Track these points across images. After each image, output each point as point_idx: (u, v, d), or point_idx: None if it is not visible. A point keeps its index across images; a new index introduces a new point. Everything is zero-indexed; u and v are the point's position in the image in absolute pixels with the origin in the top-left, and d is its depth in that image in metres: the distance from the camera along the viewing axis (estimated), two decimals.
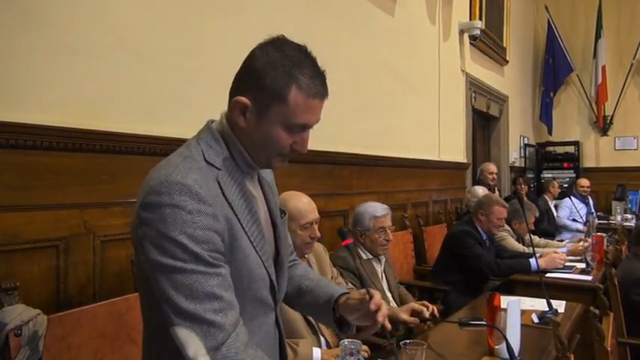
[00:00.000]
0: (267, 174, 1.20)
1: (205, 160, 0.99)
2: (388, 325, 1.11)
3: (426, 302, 2.04)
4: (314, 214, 2.00)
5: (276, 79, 0.97)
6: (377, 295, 1.12)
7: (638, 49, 7.52)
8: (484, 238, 3.31)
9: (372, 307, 1.09)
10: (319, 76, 1.00)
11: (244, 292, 1.00)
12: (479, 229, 3.31)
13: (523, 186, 5.82)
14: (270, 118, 0.99)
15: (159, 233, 0.89)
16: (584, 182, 6.28)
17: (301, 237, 1.96)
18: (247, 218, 1.01)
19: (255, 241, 1.02)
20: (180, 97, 2.12)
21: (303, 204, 1.99)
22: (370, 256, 2.60)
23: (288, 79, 0.97)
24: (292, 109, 0.98)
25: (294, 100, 0.98)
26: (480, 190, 4.41)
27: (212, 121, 1.08)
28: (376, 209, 2.61)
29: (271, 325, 1.13)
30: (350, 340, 1.04)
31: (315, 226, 1.99)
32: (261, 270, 1.04)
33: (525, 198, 5.37)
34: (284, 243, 1.17)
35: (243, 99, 0.99)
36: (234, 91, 1.02)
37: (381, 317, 1.09)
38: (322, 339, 2.00)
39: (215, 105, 2.22)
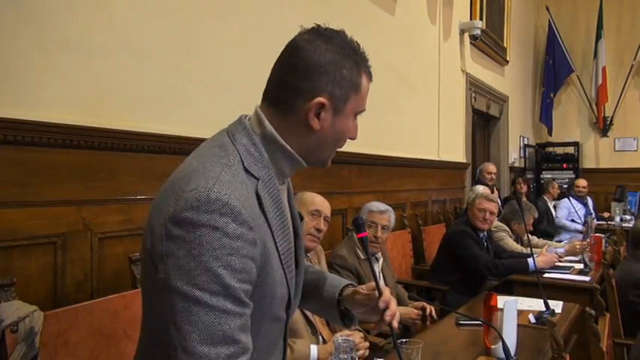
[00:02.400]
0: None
1: (245, 168, 0.90)
2: (396, 326, 1.04)
3: (424, 303, 2.05)
4: (324, 209, 2.08)
5: (350, 69, 0.93)
6: (387, 292, 1.05)
7: (638, 50, 7.52)
8: (480, 236, 3.32)
9: (381, 304, 1.03)
10: (367, 58, 0.98)
11: (263, 313, 0.93)
12: (475, 228, 3.31)
13: (522, 185, 5.83)
14: (346, 112, 0.95)
15: (190, 256, 0.79)
16: (582, 183, 6.28)
17: (306, 224, 1.97)
18: (281, 235, 0.94)
19: (284, 259, 0.95)
20: (180, 94, 2.12)
21: (316, 197, 2.09)
22: (366, 256, 2.60)
23: (357, 66, 0.94)
24: (362, 96, 0.96)
25: (364, 86, 0.96)
26: (481, 189, 4.41)
27: (246, 116, 0.97)
28: (374, 205, 2.66)
29: (280, 339, 1.06)
30: (343, 337, 1.03)
31: (322, 221, 2.05)
32: (283, 289, 0.96)
33: (525, 198, 5.37)
34: (303, 252, 1.11)
35: (323, 99, 0.91)
36: (296, 92, 0.92)
37: (388, 316, 1.03)
38: (320, 338, 2.00)
39: (214, 103, 2.24)
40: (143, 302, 0.96)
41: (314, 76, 0.91)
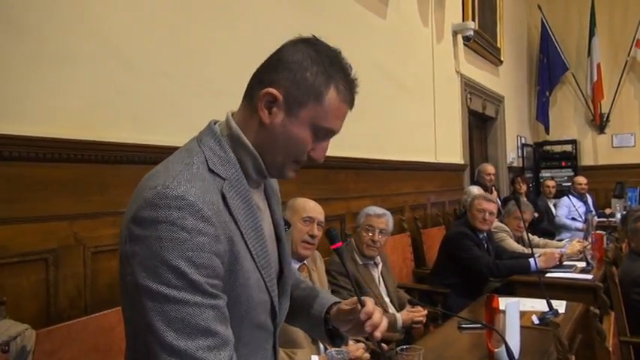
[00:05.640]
0: (273, 181, 1.09)
1: (209, 168, 0.89)
2: (377, 336, 0.99)
3: (419, 308, 2.04)
4: (317, 214, 2.05)
5: (317, 75, 0.90)
6: (369, 304, 1.01)
7: (632, 46, 7.53)
8: (480, 237, 3.29)
9: (362, 316, 0.99)
10: (352, 83, 0.96)
11: (242, 318, 0.91)
12: (475, 229, 3.29)
13: (522, 185, 5.81)
14: (300, 117, 0.91)
15: (152, 254, 0.79)
16: (582, 180, 6.26)
17: (300, 231, 1.95)
18: (252, 236, 0.92)
19: (259, 261, 0.93)
20: (170, 104, 2.10)
21: (308, 203, 2.07)
22: (365, 261, 2.58)
23: (328, 78, 0.91)
24: (326, 111, 0.92)
25: (329, 101, 0.91)
26: (475, 190, 4.40)
27: (215, 122, 0.98)
28: (372, 209, 2.69)
29: (269, 352, 1.03)
30: (337, 350, 1.00)
31: (316, 227, 2.03)
32: (262, 294, 0.94)
33: (524, 198, 5.35)
34: (288, 259, 1.08)
35: (275, 91, 0.90)
36: (259, 82, 0.92)
37: (368, 327, 0.99)
38: (321, 346, 1.97)
39: (204, 111, 2.20)
40: (122, 312, 0.94)
41: (277, 69, 0.92)
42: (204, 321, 0.80)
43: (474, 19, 5.40)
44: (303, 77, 0.90)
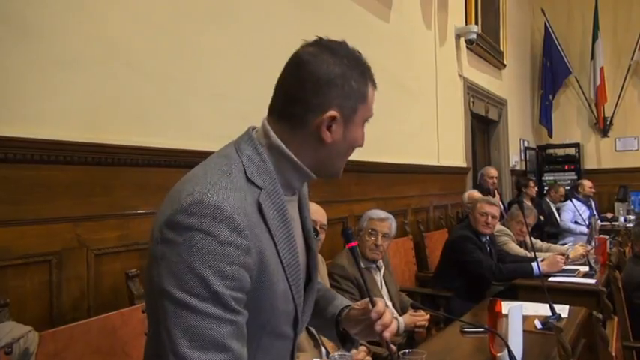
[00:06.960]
0: (304, 187, 1.09)
1: (246, 177, 0.89)
2: (386, 336, 0.99)
3: (422, 312, 2.03)
4: (320, 217, 2.06)
5: (357, 80, 0.93)
6: (380, 303, 1.01)
7: (635, 49, 7.52)
8: (483, 241, 3.29)
9: (373, 315, 0.99)
10: (369, 67, 0.98)
11: (262, 326, 0.91)
12: (477, 232, 3.28)
13: (533, 188, 5.85)
14: (355, 122, 0.95)
15: (181, 260, 0.79)
16: (588, 183, 6.25)
17: None
18: (285, 247, 0.92)
19: (289, 272, 0.92)
20: (174, 107, 2.11)
21: (312, 206, 2.05)
22: (368, 264, 2.57)
23: (363, 76, 0.95)
24: (369, 105, 0.97)
25: (370, 96, 0.97)
26: (467, 195, 4.41)
27: (253, 128, 0.97)
28: (375, 213, 2.68)
29: (287, 357, 1.03)
30: (340, 353, 1.00)
31: (318, 229, 2.05)
32: (287, 304, 0.94)
33: (529, 202, 5.34)
34: (316, 268, 1.09)
35: (334, 112, 0.91)
36: (309, 107, 0.91)
37: (379, 326, 0.99)
38: (323, 349, 1.97)
39: (209, 115, 2.23)
40: (147, 307, 0.95)
41: (324, 90, 0.91)
42: (221, 335, 0.79)
43: (476, 23, 5.40)
44: (350, 88, 0.92)
